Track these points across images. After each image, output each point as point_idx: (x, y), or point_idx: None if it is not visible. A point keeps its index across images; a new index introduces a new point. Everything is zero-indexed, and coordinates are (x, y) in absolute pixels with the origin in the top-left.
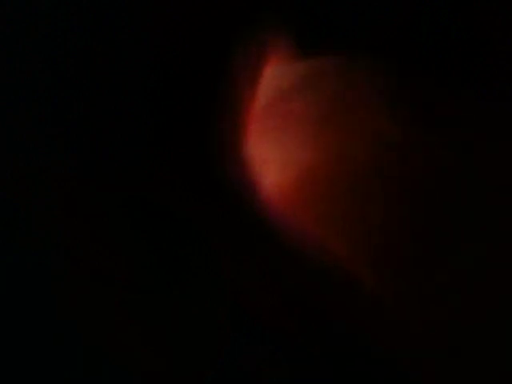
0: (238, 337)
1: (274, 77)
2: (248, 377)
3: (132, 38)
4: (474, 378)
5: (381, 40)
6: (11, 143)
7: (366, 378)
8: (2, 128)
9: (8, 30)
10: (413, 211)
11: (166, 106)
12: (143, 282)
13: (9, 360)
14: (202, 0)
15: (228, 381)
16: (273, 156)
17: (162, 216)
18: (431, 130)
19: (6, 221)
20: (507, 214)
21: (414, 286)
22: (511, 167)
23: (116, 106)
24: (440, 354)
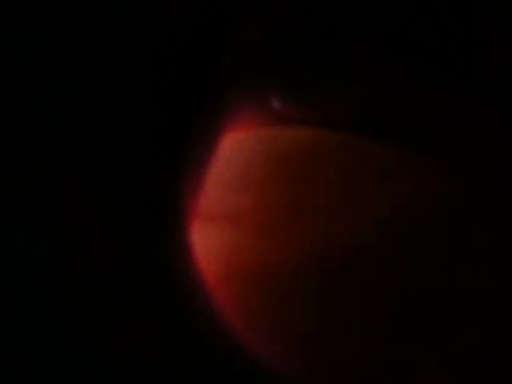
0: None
1: (259, 141)
2: (248, 377)
3: (133, 39)
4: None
5: (380, 41)
6: (11, 143)
7: None
8: (2, 128)
9: (8, 30)
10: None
11: (167, 106)
12: (143, 281)
13: (9, 360)
14: (201, 2)
15: (228, 381)
16: (223, 241)
17: (161, 216)
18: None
19: (5, 221)
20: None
21: None
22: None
23: (116, 106)
24: None
